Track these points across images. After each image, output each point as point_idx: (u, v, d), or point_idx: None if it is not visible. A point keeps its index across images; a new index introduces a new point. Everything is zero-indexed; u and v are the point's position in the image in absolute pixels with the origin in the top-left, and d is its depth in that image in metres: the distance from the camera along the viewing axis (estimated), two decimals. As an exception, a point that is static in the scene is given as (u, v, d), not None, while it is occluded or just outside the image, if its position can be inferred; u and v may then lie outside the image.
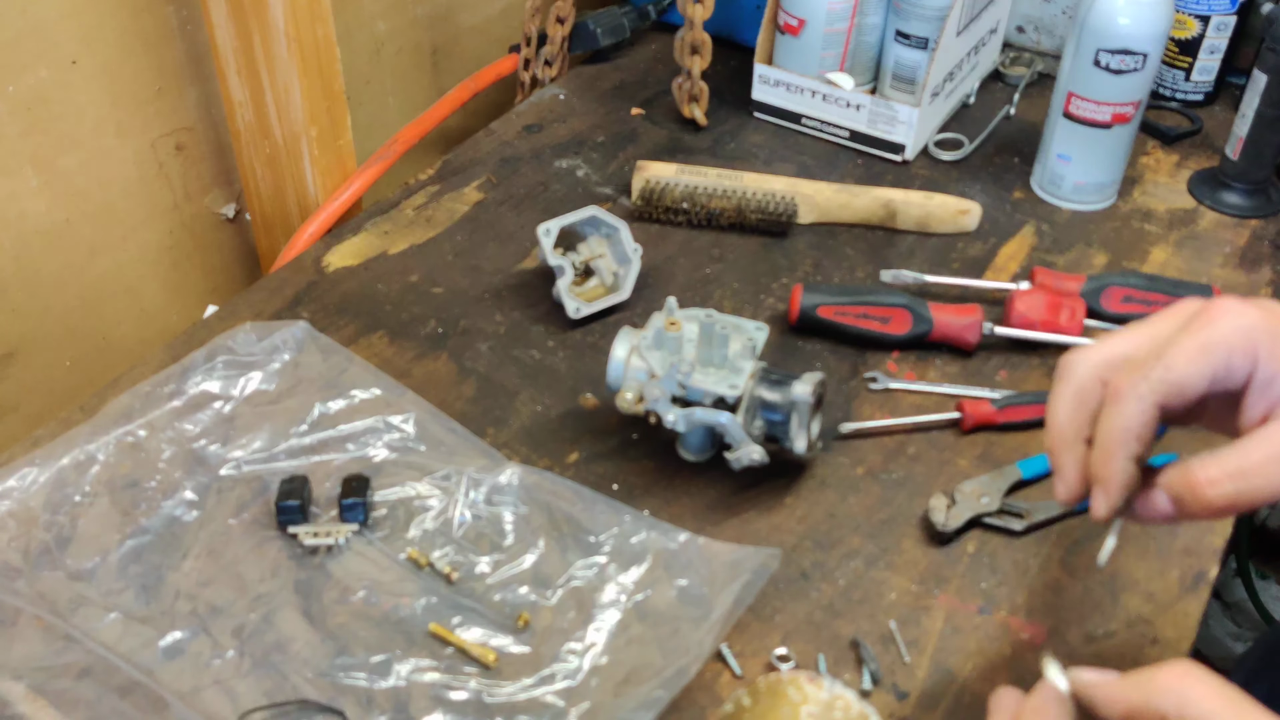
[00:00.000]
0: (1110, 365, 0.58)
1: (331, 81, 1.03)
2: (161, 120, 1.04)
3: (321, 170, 1.06)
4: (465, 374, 0.90)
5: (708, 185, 1.05)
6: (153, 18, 0.99)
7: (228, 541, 0.75)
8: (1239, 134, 1.07)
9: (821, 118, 1.17)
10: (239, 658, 0.68)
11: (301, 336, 0.87)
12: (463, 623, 0.71)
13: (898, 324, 0.91)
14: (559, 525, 0.76)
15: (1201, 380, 0.55)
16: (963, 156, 1.15)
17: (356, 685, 0.67)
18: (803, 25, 1.13)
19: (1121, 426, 0.56)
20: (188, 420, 0.81)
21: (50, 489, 0.76)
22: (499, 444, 0.83)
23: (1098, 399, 0.58)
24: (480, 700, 0.66)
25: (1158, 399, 0.55)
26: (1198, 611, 0.74)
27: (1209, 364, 0.54)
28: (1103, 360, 0.58)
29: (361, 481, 0.77)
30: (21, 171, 0.94)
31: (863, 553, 0.77)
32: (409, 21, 1.25)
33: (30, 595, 0.70)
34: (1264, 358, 0.55)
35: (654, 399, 0.77)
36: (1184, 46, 1.21)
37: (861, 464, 0.83)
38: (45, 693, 0.65)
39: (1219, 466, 0.54)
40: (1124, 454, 0.56)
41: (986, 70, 1.28)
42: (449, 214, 1.07)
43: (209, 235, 1.14)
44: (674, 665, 0.67)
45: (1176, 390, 0.55)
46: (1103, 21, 0.99)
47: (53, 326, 1.02)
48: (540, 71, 1.27)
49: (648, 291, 0.98)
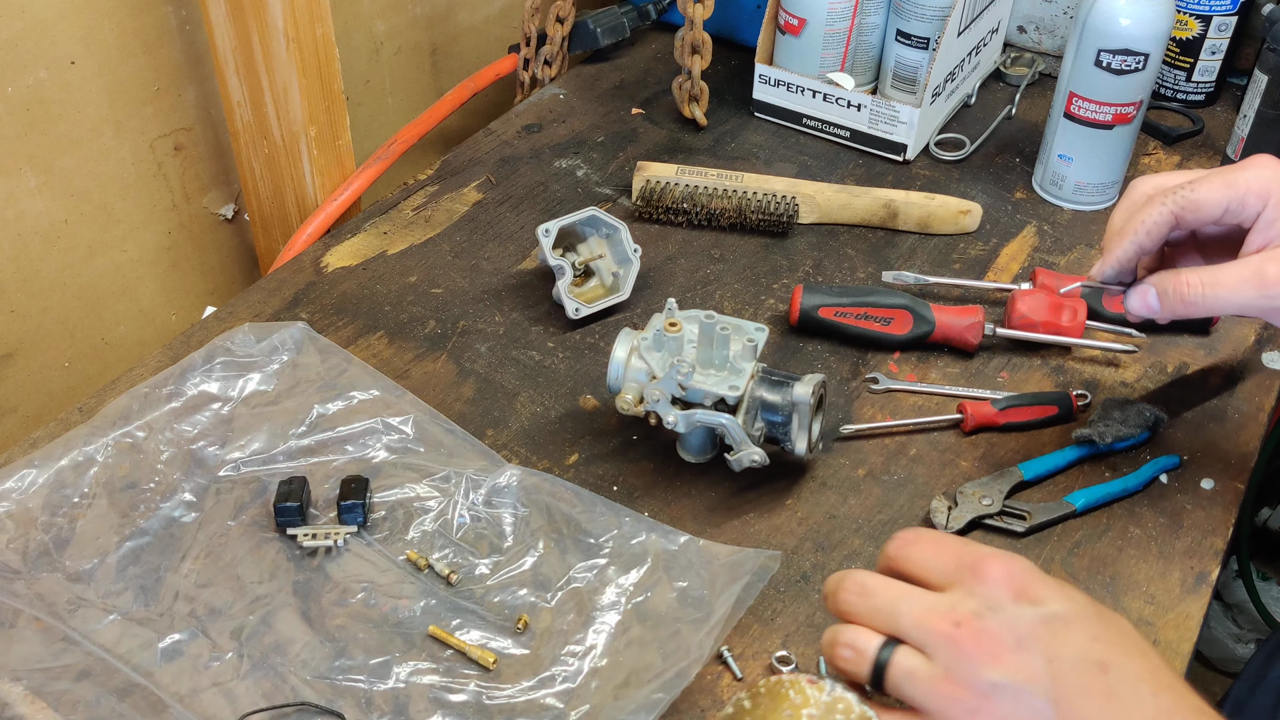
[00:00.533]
0: (1158, 187, 0.73)
1: (330, 81, 1.03)
2: (160, 120, 1.04)
3: (320, 170, 1.05)
4: (464, 375, 0.90)
5: (708, 185, 1.05)
6: (151, 18, 0.99)
7: (226, 543, 0.75)
8: (1240, 134, 1.07)
9: (822, 118, 1.16)
10: (238, 659, 0.68)
11: (300, 337, 0.87)
12: (462, 625, 0.70)
13: (899, 325, 0.91)
14: (558, 527, 0.76)
15: (1216, 206, 0.69)
16: (964, 157, 1.15)
17: (356, 687, 0.67)
18: (803, 25, 1.13)
19: (1140, 219, 0.71)
20: (186, 421, 0.81)
21: (49, 490, 0.76)
22: (498, 445, 0.83)
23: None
24: (480, 702, 0.66)
25: (1176, 209, 0.70)
26: (1199, 613, 0.73)
27: (1225, 195, 0.69)
28: (1154, 184, 0.74)
29: (360, 483, 0.77)
30: (20, 172, 0.94)
31: (864, 554, 0.77)
32: (408, 21, 1.25)
33: (29, 597, 0.70)
34: (1273, 203, 0.69)
35: (654, 400, 0.77)
36: (1185, 47, 1.20)
37: (862, 465, 0.83)
38: (44, 694, 0.65)
39: (1198, 275, 0.70)
40: (1132, 239, 0.72)
41: (987, 70, 1.27)
42: (448, 214, 1.07)
43: (207, 235, 1.13)
44: (674, 667, 0.66)
45: (1193, 206, 0.70)
46: (1104, 21, 0.99)
47: (51, 327, 1.02)
48: (540, 71, 1.27)
49: (647, 292, 0.98)
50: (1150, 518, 0.79)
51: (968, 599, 0.54)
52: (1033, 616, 0.52)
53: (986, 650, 0.52)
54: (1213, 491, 0.81)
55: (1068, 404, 0.86)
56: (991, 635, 0.52)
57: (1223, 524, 0.79)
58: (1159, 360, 0.92)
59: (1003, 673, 0.51)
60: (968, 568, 0.54)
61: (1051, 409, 0.86)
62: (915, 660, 0.53)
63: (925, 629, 0.53)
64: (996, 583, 0.53)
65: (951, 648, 0.52)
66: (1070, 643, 0.52)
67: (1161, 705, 0.51)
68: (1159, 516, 0.80)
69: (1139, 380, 0.90)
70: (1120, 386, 0.90)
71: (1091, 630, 0.52)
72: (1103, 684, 0.51)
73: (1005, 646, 0.51)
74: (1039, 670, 0.51)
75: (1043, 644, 0.52)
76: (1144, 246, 0.72)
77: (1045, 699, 0.51)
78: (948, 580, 0.55)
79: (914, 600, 0.54)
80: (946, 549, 0.56)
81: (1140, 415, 0.83)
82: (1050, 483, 0.82)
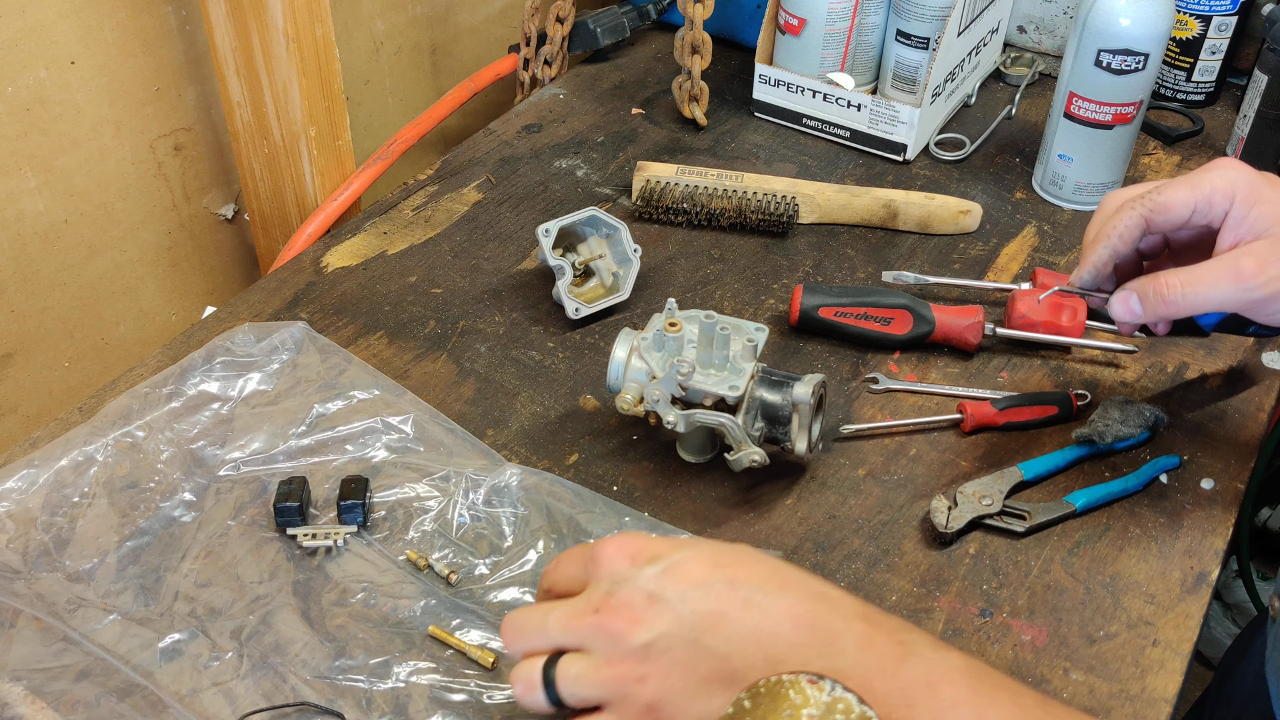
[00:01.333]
0: (1127, 198, 0.76)
1: (330, 81, 1.03)
2: (160, 120, 1.04)
3: (320, 170, 1.05)
4: (464, 375, 0.90)
5: (708, 185, 1.05)
6: (151, 18, 0.99)
7: (226, 543, 0.75)
8: (1240, 134, 1.07)
9: (822, 118, 1.16)
10: (238, 659, 0.68)
11: (300, 337, 0.87)
12: (462, 624, 0.70)
13: (899, 325, 0.91)
14: (559, 527, 0.76)
15: (1184, 207, 0.72)
16: (964, 157, 1.15)
17: (355, 687, 0.67)
18: (803, 25, 1.13)
19: (1112, 225, 0.74)
20: (186, 421, 0.81)
21: (49, 490, 0.76)
22: (498, 445, 0.83)
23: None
24: (480, 702, 0.66)
25: (1146, 213, 0.73)
26: (1199, 613, 0.73)
27: (1191, 195, 0.72)
28: (1124, 196, 0.76)
29: (360, 483, 0.77)
30: (20, 172, 0.94)
31: (863, 554, 0.77)
32: (408, 21, 1.25)
33: (29, 596, 0.70)
34: (1239, 201, 0.71)
35: (654, 400, 0.77)
36: (1185, 47, 1.20)
37: (862, 465, 0.83)
38: (44, 694, 0.65)
39: (1177, 275, 0.71)
40: (1106, 244, 0.75)
41: (987, 70, 1.27)
42: (448, 214, 1.07)
43: (207, 235, 1.13)
44: (674, 667, 0.66)
45: (1162, 209, 0.73)
46: (1104, 21, 0.99)
47: (51, 327, 1.02)
48: (540, 71, 1.27)
49: (647, 292, 0.98)
50: (1150, 518, 0.79)
51: (597, 586, 0.57)
52: (653, 572, 0.56)
53: (625, 618, 0.55)
54: (1213, 491, 0.81)
55: (1068, 404, 0.86)
56: (625, 603, 0.55)
57: (1223, 524, 0.79)
58: (1159, 360, 0.92)
59: (647, 630, 0.54)
60: (589, 560, 0.58)
61: (1051, 409, 0.86)
62: (576, 662, 0.56)
63: (572, 629, 0.57)
64: (612, 559, 0.57)
65: (598, 632, 0.55)
66: (693, 577, 0.55)
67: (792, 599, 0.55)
68: (1159, 516, 0.80)
69: (1139, 380, 0.90)
70: (1120, 386, 0.90)
71: (711, 560, 0.56)
72: (737, 596, 0.54)
73: (639, 607, 0.55)
74: (677, 613, 0.54)
75: (670, 589, 0.55)
76: (1118, 250, 0.75)
77: (693, 634, 0.54)
78: (582, 582, 0.59)
79: (557, 610, 0.58)
80: (574, 557, 0.60)
81: (1140, 415, 0.83)
82: (1050, 483, 0.82)
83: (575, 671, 0.56)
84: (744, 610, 0.54)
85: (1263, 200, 0.71)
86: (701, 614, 0.54)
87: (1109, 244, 0.75)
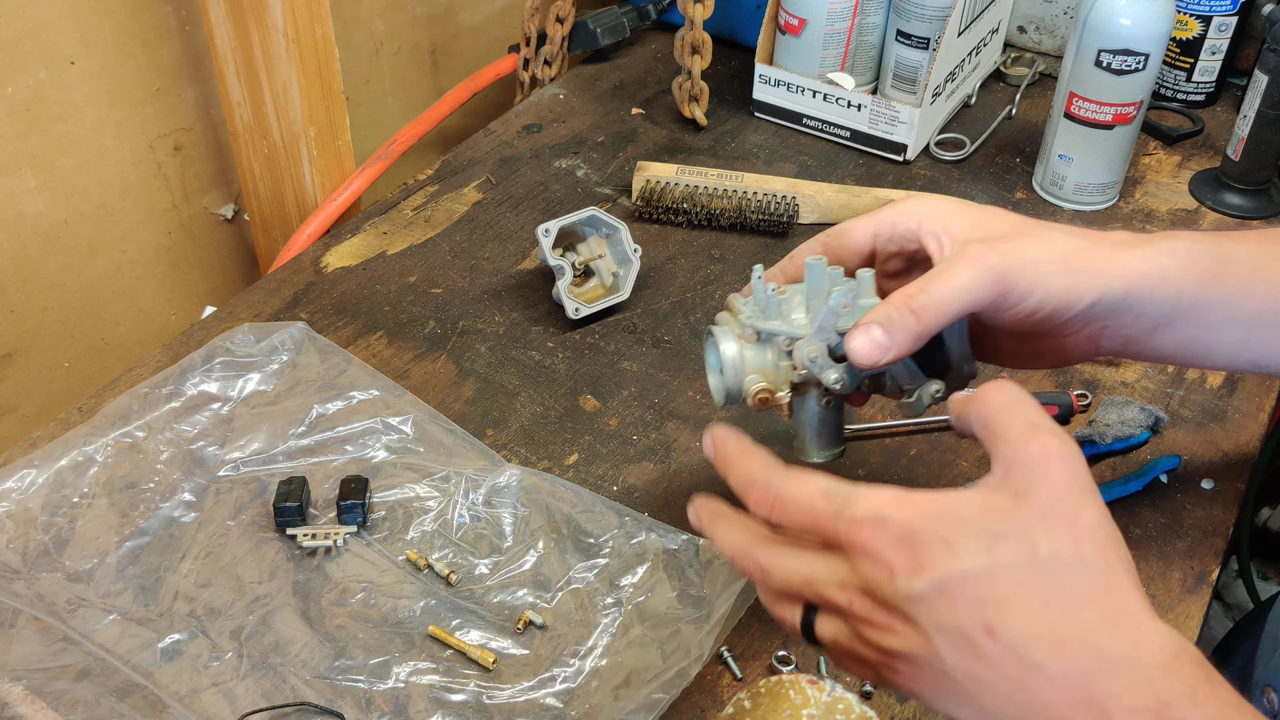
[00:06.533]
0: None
1: (330, 81, 1.03)
2: (160, 120, 1.04)
3: (320, 170, 1.05)
4: (464, 375, 0.90)
5: (708, 185, 1.05)
6: (151, 18, 0.99)
7: (226, 543, 0.75)
8: (1240, 135, 1.07)
9: (822, 118, 1.16)
10: (237, 659, 0.68)
11: (300, 337, 0.87)
12: (462, 625, 0.70)
13: (898, 325, 0.90)
14: (558, 527, 0.76)
15: (861, 232, 0.68)
16: (964, 157, 1.15)
17: (355, 687, 0.67)
18: (803, 25, 1.13)
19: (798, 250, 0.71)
20: (186, 421, 0.81)
21: (48, 490, 0.76)
22: (498, 445, 0.83)
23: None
24: (480, 702, 0.66)
25: (824, 238, 0.69)
26: (1199, 613, 0.73)
27: (870, 222, 0.68)
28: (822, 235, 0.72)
29: (360, 483, 0.77)
30: (20, 172, 0.94)
31: (863, 554, 0.76)
32: (408, 21, 1.25)
33: (29, 596, 0.70)
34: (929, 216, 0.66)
35: (811, 361, 0.64)
36: (1185, 47, 1.20)
37: (863, 466, 0.83)
38: (44, 694, 0.65)
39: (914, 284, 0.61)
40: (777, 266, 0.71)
41: (988, 70, 1.27)
42: (448, 214, 1.07)
43: (207, 236, 1.13)
44: (674, 667, 0.66)
45: (838, 234, 0.69)
46: (1104, 22, 0.99)
47: (51, 327, 1.02)
48: (540, 71, 1.27)
49: (647, 292, 0.98)
50: (1150, 518, 0.79)
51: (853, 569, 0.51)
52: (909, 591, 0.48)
53: (879, 624, 0.50)
54: (1213, 491, 0.81)
55: (1068, 404, 0.86)
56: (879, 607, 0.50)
57: (1223, 524, 0.79)
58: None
59: (897, 641, 0.50)
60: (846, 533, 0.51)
61: (1052, 409, 0.85)
62: (830, 626, 0.53)
63: (825, 600, 0.52)
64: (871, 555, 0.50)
65: (850, 619, 0.51)
66: (951, 614, 0.48)
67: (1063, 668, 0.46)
68: (1159, 516, 0.79)
69: (1139, 380, 0.90)
70: (1120, 386, 0.90)
71: (976, 594, 0.48)
72: (995, 646, 0.47)
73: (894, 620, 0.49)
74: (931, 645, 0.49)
75: (925, 617, 0.48)
76: (786, 270, 0.70)
77: (944, 667, 0.48)
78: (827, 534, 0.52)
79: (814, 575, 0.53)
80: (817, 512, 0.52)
81: (1140, 415, 0.83)
82: (1050, 483, 0.82)
83: (830, 637, 0.53)
84: (999, 665, 0.47)
85: (955, 212, 0.66)
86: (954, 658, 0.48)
87: (780, 265, 0.70)
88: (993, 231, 0.64)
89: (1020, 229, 0.64)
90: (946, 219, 0.66)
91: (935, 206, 0.67)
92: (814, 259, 0.65)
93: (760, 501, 0.55)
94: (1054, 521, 0.48)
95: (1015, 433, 0.51)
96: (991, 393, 0.53)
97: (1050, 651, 0.47)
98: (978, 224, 0.65)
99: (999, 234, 0.64)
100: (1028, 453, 0.50)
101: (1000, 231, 0.64)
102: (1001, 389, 0.53)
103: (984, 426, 0.53)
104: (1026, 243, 0.63)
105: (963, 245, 0.63)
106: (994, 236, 0.63)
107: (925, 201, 0.67)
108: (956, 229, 0.65)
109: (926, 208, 0.67)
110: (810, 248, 0.70)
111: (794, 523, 0.53)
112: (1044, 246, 0.63)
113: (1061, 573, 0.48)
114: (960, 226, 0.65)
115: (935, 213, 0.66)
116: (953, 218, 0.66)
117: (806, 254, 0.69)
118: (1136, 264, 0.64)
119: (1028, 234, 0.64)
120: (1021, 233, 0.64)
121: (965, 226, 0.65)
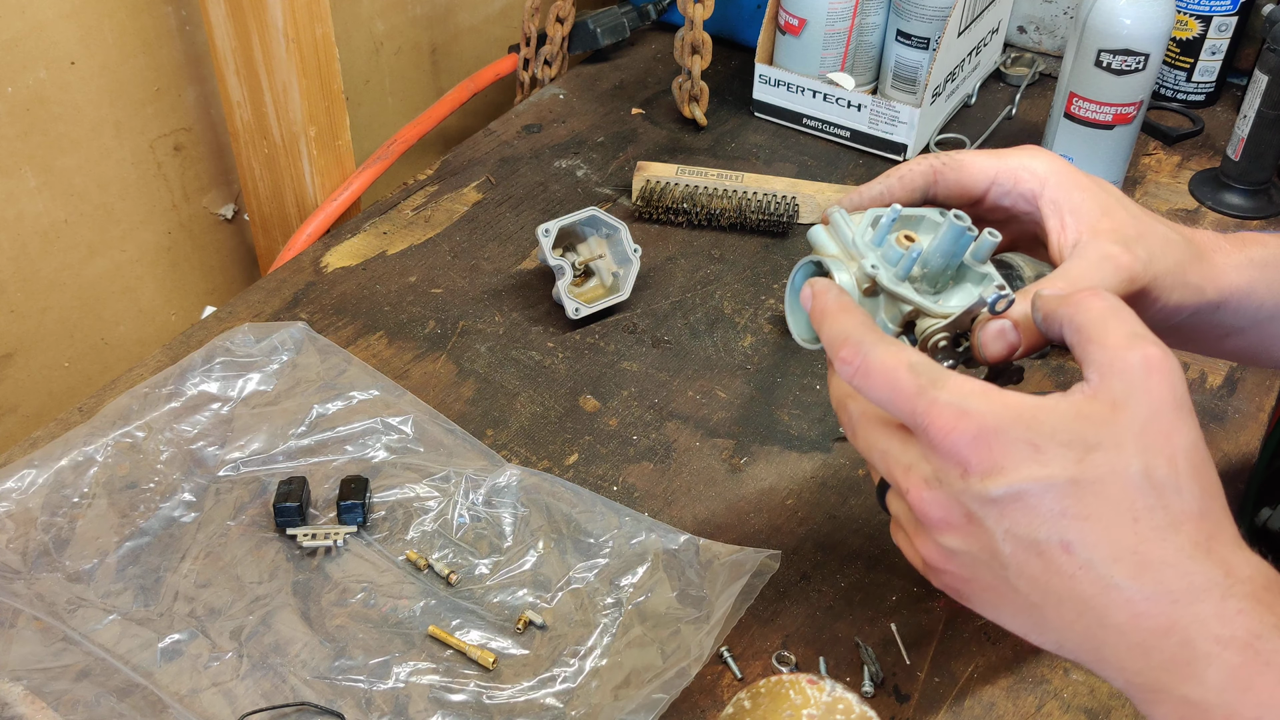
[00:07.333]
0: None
1: (330, 81, 1.03)
2: (160, 120, 1.04)
3: (320, 170, 1.05)
4: (464, 375, 0.90)
5: (708, 185, 1.05)
6: (151, 18, 0.99)
7: (226, 543, 0.75)
8: (1240, 135, 1.07)
9: (822, 118, 1.16)
10: (237, 660, 0.68)
11: (300, 337, 0.87)
12: (462, 625, 0.70)
13: (898, 325, 0.90)
14: (558, 527, 0.76)
15: (982, 173, 0.63)
16: (963, 157, 1.15)
17: (355, 687, 0.67)
18: (803, 25, 1.13)
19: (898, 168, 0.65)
20: (186, 421, 0.81)
21: (48, 490, 0.76)
22: (498, 445, 0.83)
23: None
24: (480, 702, 0.66)
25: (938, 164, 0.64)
26: (1200, 613, 0.73)
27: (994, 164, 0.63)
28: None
29: (360, 483, 0.77)
30: (20, 172, 0.94)
31: (864, 555, 0.77)
32: (408, 21, 1.25)
33: (29, 596, 0.70)
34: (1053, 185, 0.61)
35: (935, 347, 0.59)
36: (1185, 47, 1.20)
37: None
38: (44, 694, 0.65)
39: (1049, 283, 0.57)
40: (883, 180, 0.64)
41: (988, 70, 1.27)
42: (448, 214, 1.07)
43: (207, 236, 1.13)
44: (674, 667, 0.66)
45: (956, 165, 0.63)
46: (1104, 22, 0.99)
47: (51, 327, 1.02)
48: (540, 71, 1.27)
49: (647, 292, 0.98)
50: (1150, 518, 0.79)
51: (923, 459, 0.50)
52: (983, 493, 0.47)
53: (938, 520, 0.49)
54: (1213, 491, 0.81)
55: (1068, 404, 0.86)
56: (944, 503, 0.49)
57: (1223, 524, 0.79)
58: (1159, 360, 0.92)
59: (955, 540, 0.49)
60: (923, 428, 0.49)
61: (1051, 409, 0.85)
62: (894, 504, 0.54)
63: (893, 481, 0.52)
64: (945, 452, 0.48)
65: (913, 511, 0.51)
66: (1025, 520, 0.46)
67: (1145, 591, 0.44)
68: (1159, 516, 0.79)
69: (1139, 380, 0.90)
70: (1120, 386, 0.90)
71: (1059, 502, 0.46)
72: (1071, 563, 0.45)
73: (956, 518, 0.48)
74: (994, 550, 0.47)
75: (993, 519, 0.47)
76: (893, 190, 0.64)
77: (1005, 573, 0.47)
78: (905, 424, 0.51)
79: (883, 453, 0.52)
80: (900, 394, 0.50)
81: (1140, 415, 0.83)
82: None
83: (894, 513, 0.53)
84: (1072, 582, 0.45)
85: (1081, 187, 0.62)
86: (1021, 569, 0.47)
87: (886, 181, 0.64)
88: (1120, 224, 0.60)
89: (1142, 225, 0.61)
90: (1072, 194, 0.61)
91: (1059, 174, 0.62)
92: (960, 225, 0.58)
93: (847, 361, 0.52)
94: (1151, 437, 0.46)
95: (1116, 339, 0.49)
96: (1088, 297, 0.51)
97: (1132, 573, 0.44)
98: (1104, 210, 0.61)
99: (1127, 229, 0.60)
100: (1128, 361, 0.48)
101: (1126, 224, 0.60)
102: (1098, 294, 0.51)
103: (1077, 331, 0.51)
104: (1156, 248, 0.60)
105: (1093, 237, 0.59)
106: (1123, 231, 0.60)
107: (1047, 161, 0.63)
108: (1084, 211, 0.61)
109: (1051, 172, 0.62)
110: (922, 171, 0.64)
111: (875, 391, 0.51)
112: (1169, 254, 0.60)
113: (1153, 492, 0.45)
114: (1088, 209, 0.61)
115: (1061, 183, 0.62)
116: (1078, 194, 0.61)
117: (918, 177, 0.64)
118: (1232, 277, 0.62)
119: (1152, 234, 0.60)
120: (1146, 231, 0.60)
121: (1093, 211, 0.61)
